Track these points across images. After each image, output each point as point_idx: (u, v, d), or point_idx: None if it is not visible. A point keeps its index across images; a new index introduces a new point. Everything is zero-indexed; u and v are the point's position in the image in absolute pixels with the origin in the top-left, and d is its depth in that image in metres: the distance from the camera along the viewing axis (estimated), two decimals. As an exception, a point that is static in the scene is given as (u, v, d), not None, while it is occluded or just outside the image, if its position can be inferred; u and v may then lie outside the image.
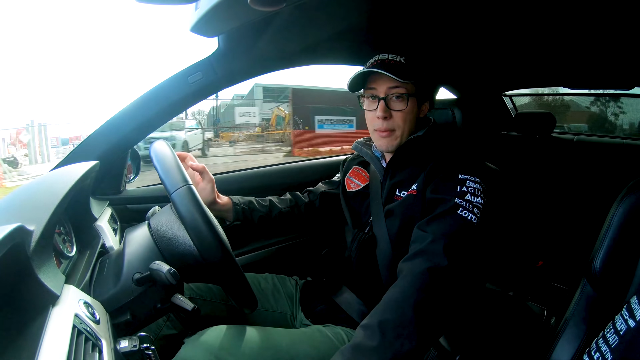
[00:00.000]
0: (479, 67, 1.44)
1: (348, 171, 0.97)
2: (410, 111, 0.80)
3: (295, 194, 1.03)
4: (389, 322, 0.58)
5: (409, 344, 0.56)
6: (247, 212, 0.94)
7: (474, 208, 0.69)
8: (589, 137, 1.74)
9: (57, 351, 0.38)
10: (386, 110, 0.79)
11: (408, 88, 0.79)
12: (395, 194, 0.81)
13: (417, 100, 0.81)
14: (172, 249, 0.63)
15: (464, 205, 0.68)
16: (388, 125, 0.80)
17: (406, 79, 0.76)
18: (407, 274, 0.64)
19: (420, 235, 0.69)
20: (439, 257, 0.63)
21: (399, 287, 0.63)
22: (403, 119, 0.79)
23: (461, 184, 0.71)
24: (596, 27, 0.90)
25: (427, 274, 0.62)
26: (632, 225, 0.61)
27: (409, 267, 0.65)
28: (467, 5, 0.81)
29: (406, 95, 0.78)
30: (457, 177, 0.72)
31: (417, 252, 0.67)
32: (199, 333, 0.70)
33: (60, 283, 0.48)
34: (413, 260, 0.66)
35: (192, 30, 0.75)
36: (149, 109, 0.93)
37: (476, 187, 0.71)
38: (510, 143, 1.79)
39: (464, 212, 0.68)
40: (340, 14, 0.84)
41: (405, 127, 0.80)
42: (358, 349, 0.57)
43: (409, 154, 0.81)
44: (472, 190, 0.70)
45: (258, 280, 0.96)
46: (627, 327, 0.50)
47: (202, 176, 0.89)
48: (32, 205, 0.52)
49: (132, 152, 1.06)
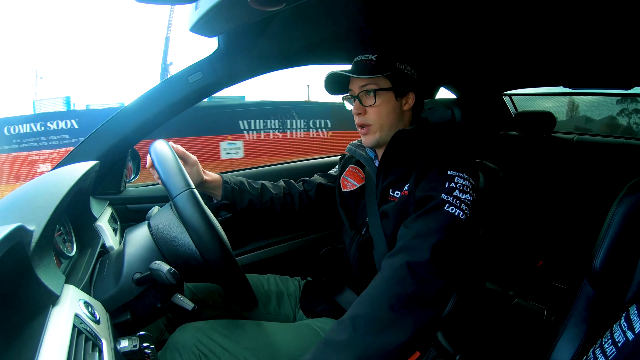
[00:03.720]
0: (479, 67, 1.43)
1: (345, 169, 0.96)
2: (384, 105, 0.81)
3: (289, 182, 1.00)
4: (361, 316, 0.58)
5: (381, 339, 0.55)
6: (237, 193, 0.91)
7: (461, 204, 0.67)
8: (589, 137, 1.75)
9: (57, 351, 0.38)
10: (359, 107, 0.81)
11: (379, 83, 0.80)
12: (389, 194, 0.81)
13: (394, 94, 0.81)
14: (172, 248, 0.63)
15: (452, 201, 0.67)
16: (363, 121, 0.82)
17: (372, 74, 0.79)
18: (385, 269, 0.64)
19: (405, 232, 0.68)
20: (420, 252, 0.62)
21: (375, 282, 0.63)
22: (376, 113, 0.81)
23: (449, 179, 0.70)
24: (596, 27, 0.90)
25: (405, 267, 0.61)
26: (632, 225, 0.61)
27: (388, 263, 0.65)
28: (467, 4, 0.81)
29: (374, 90, 0.80)
30: (446, 172, 0.71)
31: (399, 248, 0.66)
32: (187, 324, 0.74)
33: (60, 283, 0.48)
34: (394, 257, 0.65)
35: (192, 30, 0.75)
36: (149, 109, 0.93)
37: (465, 184, 0.70)
38: (510, 143, 1.80)
39: (450, 207, 0.66)
40: (340, 14, 0.84)
41: (381, 121, 0.81)
42: (329, 343, 0.57)
43: (397, 150, 0.80)
44: (460, 187, 0.69)
45: (261, 282, 0.95)
46: (626, 339, 0.49)
47: (185, 160, 0.84)
48: (32, 205, 0.52)
49: (132, 152, 1.06)
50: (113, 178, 1.01)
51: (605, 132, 4.60)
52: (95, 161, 0.80)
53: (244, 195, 0.92)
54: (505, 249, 1.50)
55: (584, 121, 4.85)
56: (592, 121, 4.85)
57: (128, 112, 0.94)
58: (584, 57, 1.20)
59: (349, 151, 0.94)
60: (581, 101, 4.50)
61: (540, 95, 2.21)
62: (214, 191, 0.91)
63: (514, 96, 2.00)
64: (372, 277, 0.81)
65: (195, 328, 0.73)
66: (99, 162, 0.82)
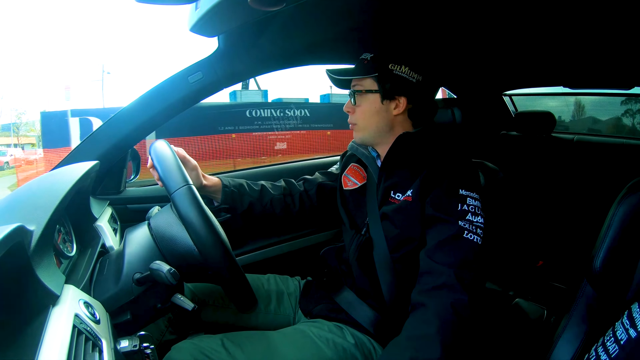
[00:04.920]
0: (478, 67, 1.44)
1: (346, 167, 0.95)
2: (368, 107, 0.81)
3: (289, 182, 0.99)
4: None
5: None
6: (237, 196, 0.90)
7: (477, 229, 0.69)
8: (589, 137, 1.75)
9: (58, 351, 0.38)
10: (349, 105, 0.84)
11: (364, 84, 0.81)
12: (390, 195, 0.80)
13: (381, 96, 0.80)
14: (172, 248, 0.63)
15: (468, 227, 0.69)
16: (351, 119, 0.85)
17: (360, 74, 0.81)
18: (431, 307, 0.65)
19: (431, 266, 0.69)
20: (459, 293, 0.65)
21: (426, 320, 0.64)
22: (361, 114, 0.82)
23: (462, 201, 0.71)
24: (596, 27, 0.90)
25: (450, 310, 0.63)
26: (633, 225, 0.61)
27: (431, 302, 0.66)
28: (467, 4, 0.81)
29: (358, 92, 0.82)
30: (458, 192, 0.71)
31: (435, 287, 0.67)
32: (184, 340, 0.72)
33: (60, 283, 0.48)
34: (432, 295, 0.66)
35: (192, 30, 0.75)
36: (150, 109, 0.93)
37: (476, 205, 0.71)
38: (510, 143, 1.80)
39: (469, 235, 0.68)
40: (340, 13, 0.84)
41: (364, 122, 0.83)
42: None
43: (401, 153, 0.80)
44: (472, 209, 0.70)
45: (261, 281, 0.95)
46: (628, 337, 0.49)
47: (185, 164, 0.82)
48: (32, 205, 0.52)
49: (132, 152, 1.06)
50: (113, 178, 1.01)
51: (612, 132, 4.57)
52: (95, 161, 0.80)
53: (244, 198, 0.91)
54: (505, 249, 1.50)
55: (592, 122, 4.85)
56: (599, 122, 4.84)
57: (128, 112, 0.93)
58: (584, 57, 1.20)
59: (350, 149, 0.94)
60: (587, 100, 4.48)
61: (543, 95, 2.21)
62: (214, 195, 0.91)
63: (513, 96, 2.00)
64: (371, 277, 0.81)
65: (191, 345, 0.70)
66: (99, 162, 0.81)
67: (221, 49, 0.92)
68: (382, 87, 0.80)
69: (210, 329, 0.88)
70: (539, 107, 1.83)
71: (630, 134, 4.83)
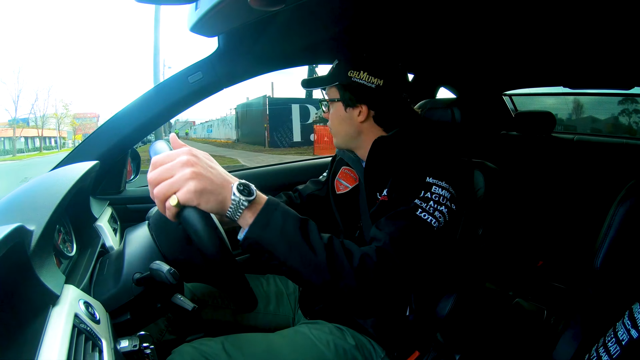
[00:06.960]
0: (478, 67, 1.44)
1: (337, 172, 0.95)
2: (334, 115, 0.83)
3: (288, 195, 1.01)
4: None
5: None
6: None
7: (435, 212, 0.64)
8: (589, 137, 1.75)
9: (57, 351, 0.38)
10: (325, 113, 0.87)
11: (330, 94, 0.83)
12: (376, 197, 0.79)
13: (343, 105, 0.80)
14: (172, 248, 0.63)
15: (424, 207, 0.64)
16: (328, 125, 0.86)
17: (324, 84, 0.82)
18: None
19: (374, 233, 0.65)
20: (388, 246, 0.60)
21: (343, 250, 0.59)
22: (331, 122, 0.84)
23: (426, 188, 0.66)
24: (596, 27, 0.90)
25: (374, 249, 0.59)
26: (633, 225, 0.61)
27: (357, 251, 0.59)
28: (467, 4, 0.81)
29: (325, 100, 0.84)
30: (424, 179, 0.67)
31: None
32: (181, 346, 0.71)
33: (60, 283, 0.47)
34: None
35: (192, 30, 0.75)
36: (150, 109, 0.93)
37: (442, 194, 0.66)
38: (510, 143, 1.80)
39: (423, 213, 0.63)
40: (340, 13, 0.84)
41: (334, 129, 0.84)
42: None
43: (378, 156, 0.79)
44: (436, 198, 0.65)
45: (260, 282, 0.95)
46: (630, 337, 0.49)
47: None
48: (32, 205, 0.52)
49: (132, 152, 1.06)
50: (113, 178, 1.02)
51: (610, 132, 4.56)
52: (95, 161, 0.80)
53: None
54: (505, 249, 1.50)
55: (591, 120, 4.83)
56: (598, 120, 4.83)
57: (128, 112, 0.93)
58: (583, 57, 1.20)
59: (338, 153, 0.95)
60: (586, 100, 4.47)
61: (542, 95, 2.21)
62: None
63: (514, 96, 2.00)
64: None
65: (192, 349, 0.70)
66: (99, 162, 0.82)
67: (221, 49, 0.92)
68: (342, 95, 0.80)
69: (209, 329, 0.88)
70: (539, 107, 1.83)
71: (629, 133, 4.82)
